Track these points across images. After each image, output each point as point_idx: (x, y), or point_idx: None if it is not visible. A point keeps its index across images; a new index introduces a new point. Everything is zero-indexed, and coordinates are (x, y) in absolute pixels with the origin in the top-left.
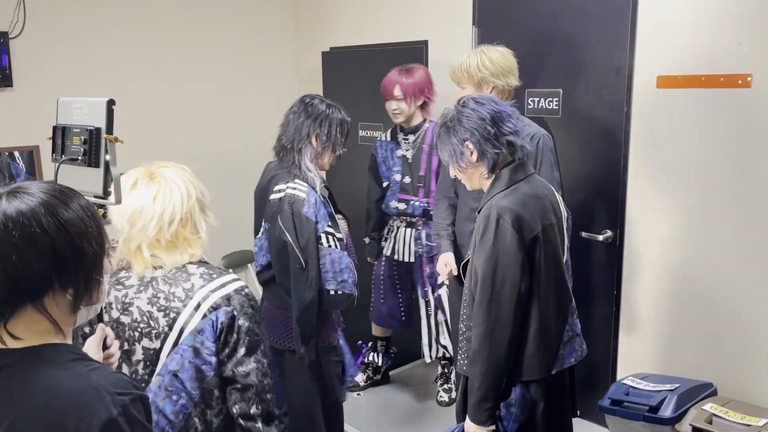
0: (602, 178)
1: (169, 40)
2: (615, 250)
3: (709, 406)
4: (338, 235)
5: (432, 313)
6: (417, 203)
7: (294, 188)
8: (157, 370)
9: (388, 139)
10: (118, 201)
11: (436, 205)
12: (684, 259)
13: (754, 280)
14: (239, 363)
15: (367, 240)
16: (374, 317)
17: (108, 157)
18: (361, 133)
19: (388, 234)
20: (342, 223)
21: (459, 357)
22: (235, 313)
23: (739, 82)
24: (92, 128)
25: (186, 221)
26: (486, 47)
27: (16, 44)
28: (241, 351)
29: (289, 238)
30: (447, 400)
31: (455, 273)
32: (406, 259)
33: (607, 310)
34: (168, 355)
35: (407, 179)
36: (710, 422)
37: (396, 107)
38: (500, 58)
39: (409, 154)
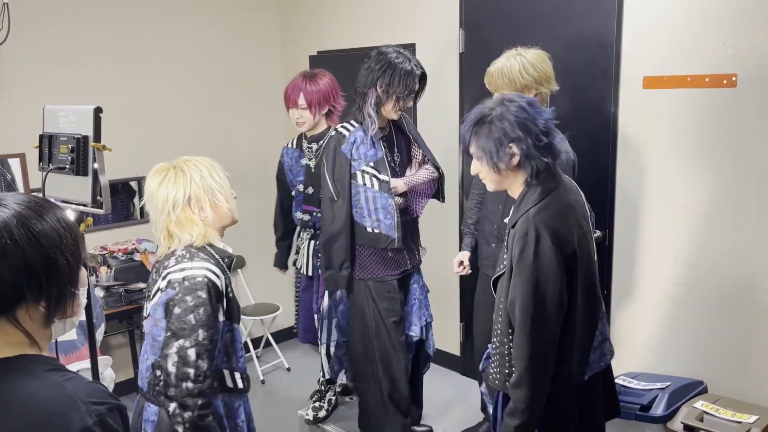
0: (591, 178)
1: (155, 45)
2: (605, 249)
3: (699, 404)
4: (381, 177)
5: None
6: (320, 215)
7: (343, 127)
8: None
9: (294, 146)
10: (108, 209)
11: (469, 200)
12: (673, 258)
13: (742, 278)
14: (164, 344)
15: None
16: (301, 336)
17: (96, 165)
18: None
19: (300, 245)
20: (423, 172)
21: (492, 372)
22: (176, 297)
23: (724, 81)
24: (80, 136)
25: (194, 204)
26: (522, 49)
27: (2, 51)
28: (168, 333)
29: (326, 171)
30: (311, 419)
31: (467, 272)
32: (308, 273)
33: None
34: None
35: (310, 189)
36: (701, 420)
37: (299, 116)
38: (541, 62)
39: (312, 164)
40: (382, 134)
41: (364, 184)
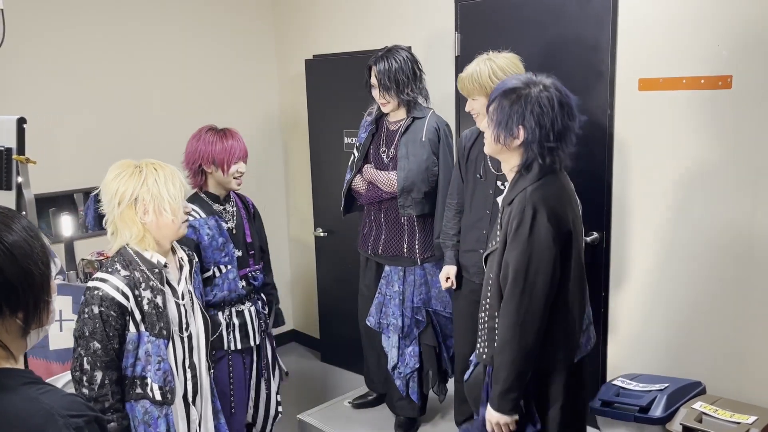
0: (587, 180)
1: (150, 50)
2: (602, 251)
3: (698, 405)
4: (355, 154)
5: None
6: (258, 273)
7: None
8: None
9: (205, 214)
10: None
11: (446, 210)
12: (670, 259)
13: (739, 278)
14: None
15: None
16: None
17: (20, 179)
18: (346, 140)
19: (230, 325)
20: (382, 176)
21: (479, 345)
22: (81, 306)
23: (720, 83)
24: (2, 148)
25: (139, 206)
26: (493, 54)
27: None
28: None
29: None
30: None
31: (455, 286)
32: (254, 343)
33: (595, 311)
34: None
35: (240, 252)
36: (700, 421)
37: (243, 170)
38: (510, 65)
39: (231, 225)
40: (375, 125)
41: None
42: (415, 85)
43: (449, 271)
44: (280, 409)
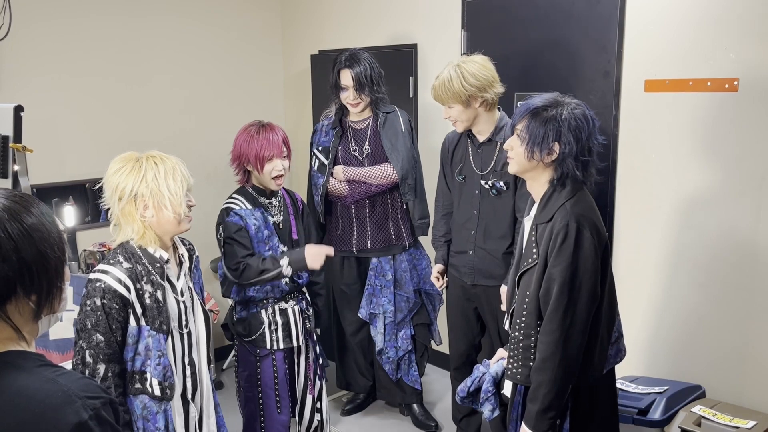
0: None
1: (156, 42)
2: None
3: (697, 409)
4: (321, 159)
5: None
6: (302, 271)
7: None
8: None
9: (249, 206)
10: None
11: (435, 212)
12: (672, 262)
13: (741, 282)
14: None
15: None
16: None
17: (17, 168)
18: None
19: (273, 323)
20: (373, 170)
21: (510, 365)
22: (82, 298)
23: (726, 86)
24: None
25: (139, 202)
26: (462, 59)
27: (3, 47)
28: (74, 329)
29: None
30: None
31: (445, 284)
32: (298, 343)
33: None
34: None
35: (284, 248)
36: (699, 424)
37: (282, 168)
38: (481, 70)
39: (278, 219)
40: (338, 125)
41: (312, 164)
42: (382, 82)
43: (439, 269)
44: (318, 417)
